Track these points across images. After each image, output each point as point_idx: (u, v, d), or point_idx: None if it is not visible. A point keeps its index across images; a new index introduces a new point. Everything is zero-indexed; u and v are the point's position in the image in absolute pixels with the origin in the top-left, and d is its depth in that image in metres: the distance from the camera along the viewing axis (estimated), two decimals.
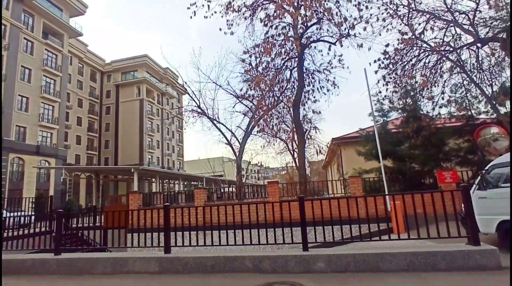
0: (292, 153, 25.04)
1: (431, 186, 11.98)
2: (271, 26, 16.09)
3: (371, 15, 12.58)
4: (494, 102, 11.01)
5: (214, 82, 22.73)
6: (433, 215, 5.37)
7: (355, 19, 13.27)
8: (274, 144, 25.84)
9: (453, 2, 10.82)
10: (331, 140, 21.03)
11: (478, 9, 10.22)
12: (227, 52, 52.95)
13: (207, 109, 22.14)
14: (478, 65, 11.67)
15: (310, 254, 5.28)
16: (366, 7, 12.22)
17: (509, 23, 10.21)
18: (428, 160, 12.54)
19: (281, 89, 18.80)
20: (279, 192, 14.31)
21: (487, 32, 10.87)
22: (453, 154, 12.73)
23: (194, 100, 22.01)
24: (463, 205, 5.39)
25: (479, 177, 6.64)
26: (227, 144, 23.15)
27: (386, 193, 10.27)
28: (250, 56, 17.27)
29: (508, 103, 11.30)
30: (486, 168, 6.57)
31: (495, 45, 10.93)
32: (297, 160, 19.76)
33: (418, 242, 5.62)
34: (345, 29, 14.23)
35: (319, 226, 5.91)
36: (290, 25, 16.20)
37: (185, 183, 42.83)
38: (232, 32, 16.14)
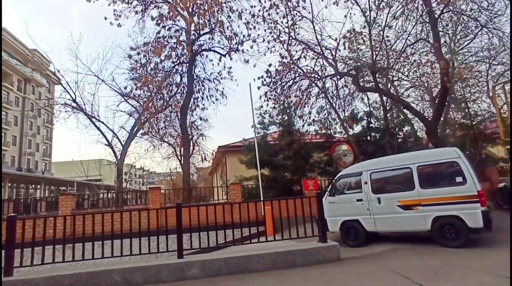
0: (180, 158, 24.49)
1: (298, 192, 13.78)
2: (164, 27, 15.57)
3: (258, 35, 13.82)
4: (346, 125, 13.75)
5: (95, 75, 20.01)
6: (300, 217, 6.26)
7: (244, 36, 14.34)
8: (160, 149, 24.75)
9: (322, 39, 13.04)
10: (217, 148, 21.60)
11: (338, 48, 12.64)
12: (114, 44, 47.58)
13: (84, 105, 19.33)
14: (337, 93, 14.32)
15: (184, 261, 5.30)
16: (254, 27, 13.39)
17: (358, 63, 13.00)
18: (297, 170, 14.44)
19: (170, 92, 18.28)
20: (161, 198, 13.76)
21: (343, 68, 13.54)
22: (316, 165, 15.08)
23: (69, 93, 18.90)
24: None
25: (330, 185, 8.09)
26: (107, 145, 20.73)
27: (261, 199, 11.24)
28: (138, 54, 16.21)
29: (354, 126, 14.37)
30: (335, 178, 8.06)
31: (348, 79, 13.69)
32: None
33: (284, 242, 6.36)
34: (235, 43, 15.12)
35: (201, 232, 5.96)
36: (183, 29, 16.06)
37: (51, 189, 35.89)
38: (119, 24, 14.82)
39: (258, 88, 13.19)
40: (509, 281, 4.02)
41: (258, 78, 13.03)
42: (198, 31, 15.55)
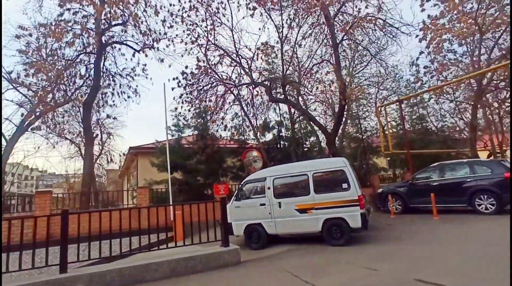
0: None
1: (210, 196, 13.76)
2: (68, 9, 13.78)
3: (176, 35, 13.43)
4: (257, 132, 14.42)
5: None
6: (210, 222, 6.22)
7: (160, 33, 13.70)
8: (57, 147, 21.58)
9: (240, 48, 13.46)
10: (129, 148, 20.11)
11: (254, 58, 13.25)
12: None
13: None
14: (252, 102, 14.93)
15: (68, 275, 4.73)
16: (171, 26, 12.95)
17: (272, 75, 13.81)
18: (210, 174, 14.43)
19: (73, 84, 16.18)
20: (53, 204, 12.00)
21: (258, 78, 14.21)
22: (229, 170, 15.35)
23: None
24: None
25: (237, 190, 8.32)
26: None
27: (171, 203, 10.87)
28: (31, 35, 13.91)
29: (266, 134, 15.21)
30: (242, 183, 8.33)
31: (262, 89, 14.41)
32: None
33: (190, 247, 6.21)
34: (152, 40, 14.33)
35: (102, 240, 5.37)
36: (92, 16, 14.49)
37: None
38: None
39: (172, 89, 12.81)
40: (375, 272, 4.77)
41: (173, 79, 12.65)
42: (109, 21, 14.21)
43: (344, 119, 16.54)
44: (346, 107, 13.38)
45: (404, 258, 5.49)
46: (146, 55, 14.47)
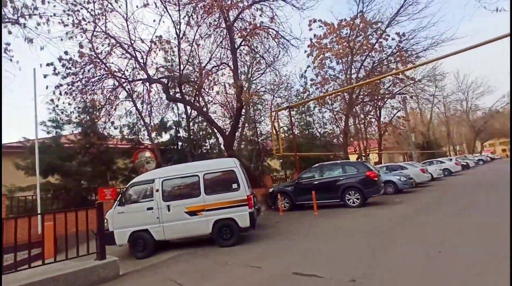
0: None
1: (95, 202, 12.11)
2: None
3: (54, 14, 11.36)
4: (150, 131, 13.51)
5: None
6: (86, 233, 5.34)
7: (29, 8, 11.28)
8: None
9: (135, 40, 12.37)
10: None
11: (150, 53, 12.35)
12: None
13: None
14: (148, 99, 13.92)
15: None
16: (45, 2, 10.81)
17: (171, 73, 13.16)
18: (96, 177, 12.76)
19: None
20: None
21: (155, 74, 13.37)
22: (120, 173, 13.90)
23: None
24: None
25: (120, 194, 7.52)
26: None
27: (39, 213, 9.12)
28: None
29: (163, 134, 14.42)
30: (127, 186, 7.59)
31: (160, 86, 13.62)
32: None
33: (60, 264, 5.22)
34: (18, 15, 11.67)
35: None
36: None
37: None
38: None
39: (45, 76, 10.77)
40: (258, 270, 4.94)
41: (47, 64, 10.66)
42: None
43: (241, 122, 17.11)
44: (243, 111, 13.82)
45: (286, 254, 5.87)
46: (10, 32, 11.74)
